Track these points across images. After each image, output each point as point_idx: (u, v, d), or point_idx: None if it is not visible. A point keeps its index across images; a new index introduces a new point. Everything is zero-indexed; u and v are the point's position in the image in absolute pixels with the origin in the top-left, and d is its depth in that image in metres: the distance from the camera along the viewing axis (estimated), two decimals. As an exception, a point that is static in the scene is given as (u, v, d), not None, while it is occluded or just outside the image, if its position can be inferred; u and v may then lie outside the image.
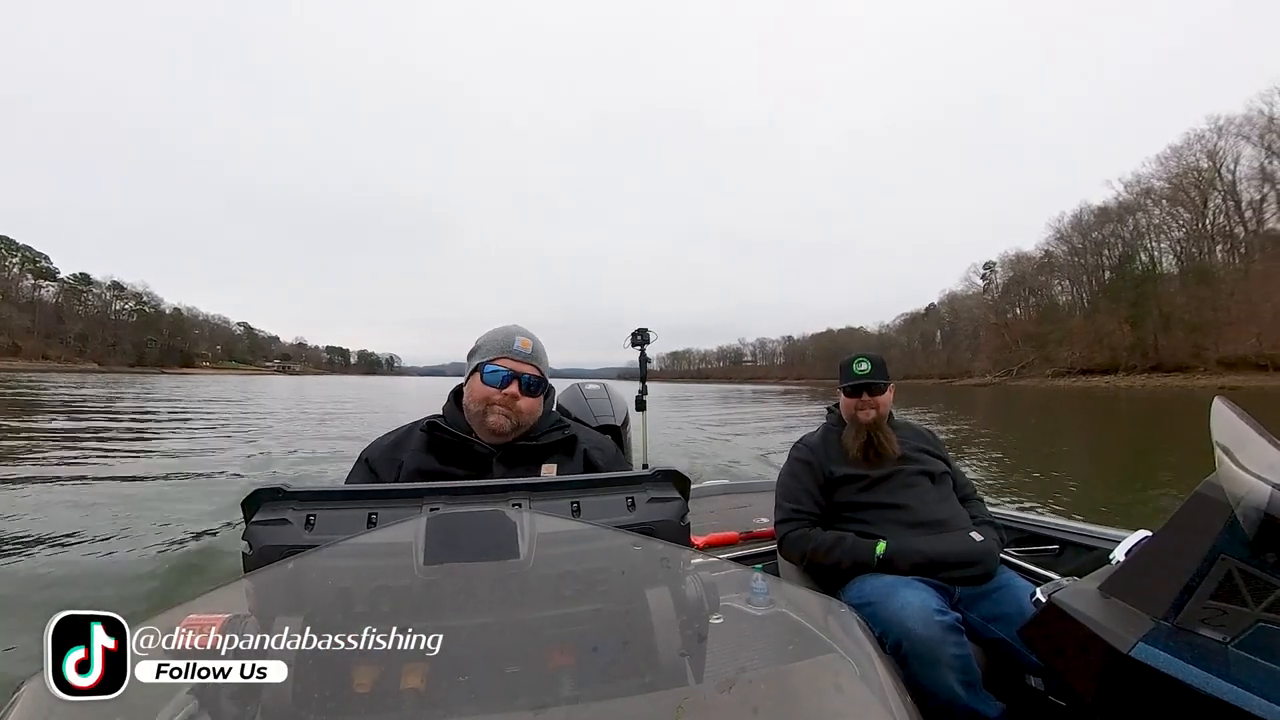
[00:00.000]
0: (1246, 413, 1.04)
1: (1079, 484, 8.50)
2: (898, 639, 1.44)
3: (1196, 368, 61.62)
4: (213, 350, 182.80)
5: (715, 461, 10.21)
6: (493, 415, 1.27)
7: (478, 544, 0.70)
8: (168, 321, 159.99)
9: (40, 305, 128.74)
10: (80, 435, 12.54)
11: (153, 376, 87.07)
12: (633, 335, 4.08)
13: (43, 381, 45.02)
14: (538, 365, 1.33)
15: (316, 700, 0.61)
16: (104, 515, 5.96)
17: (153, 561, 4.67)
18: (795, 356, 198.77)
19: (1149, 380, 63.09)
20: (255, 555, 0.75)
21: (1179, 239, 71.85)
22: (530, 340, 1.34)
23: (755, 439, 13.96)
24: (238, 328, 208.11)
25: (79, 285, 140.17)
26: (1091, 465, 10.99)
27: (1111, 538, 1.95)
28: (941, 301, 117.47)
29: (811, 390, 60.05)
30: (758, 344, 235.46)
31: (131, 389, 35.98)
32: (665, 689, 0.68)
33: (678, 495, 0.91)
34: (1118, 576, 1.04)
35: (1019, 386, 72.60)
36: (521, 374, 1.29)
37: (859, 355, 1.99)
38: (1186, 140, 69.90)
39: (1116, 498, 7.92)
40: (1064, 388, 65.64)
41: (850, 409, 1.96)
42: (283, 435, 13.37)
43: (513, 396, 1.27)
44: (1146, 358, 68.42)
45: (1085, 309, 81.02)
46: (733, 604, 1.46)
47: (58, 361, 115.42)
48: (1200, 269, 67.48)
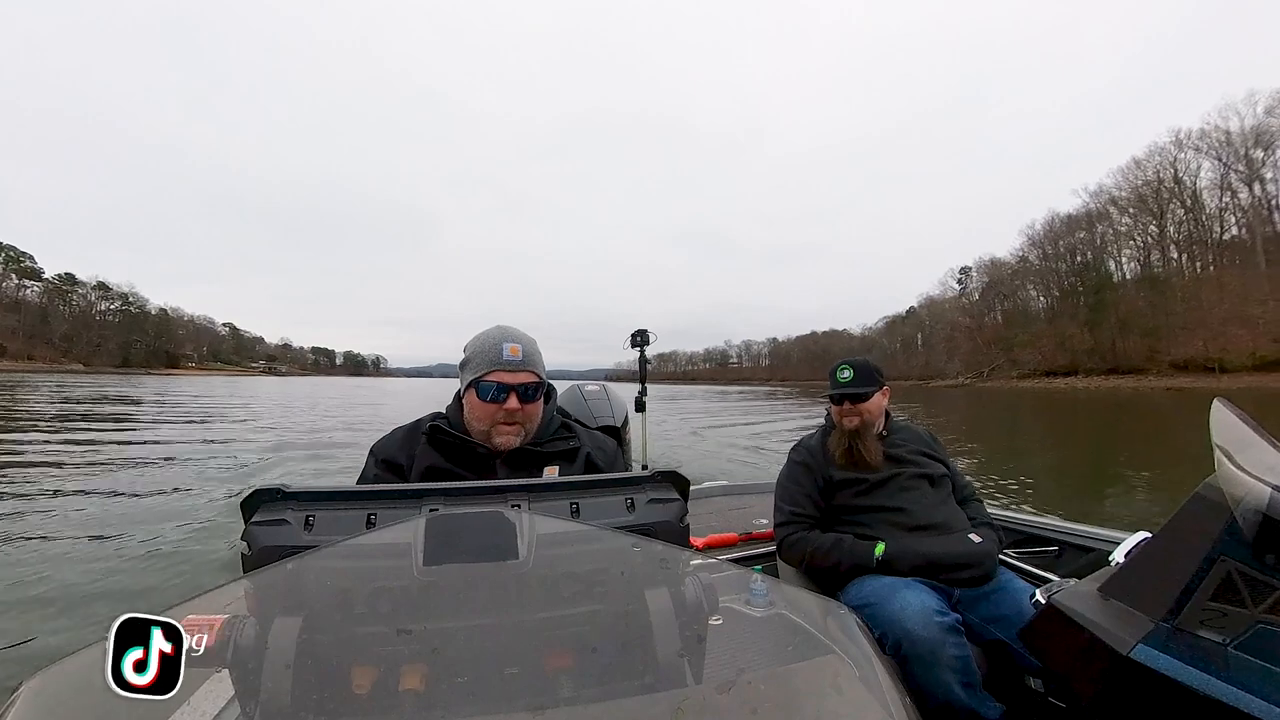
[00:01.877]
0: (1245, 414, 1.04)
1: (1031, 478, 8.76)
2: (897, 640, 1.44)
3: (1150, 370, 65.55)
4: (198, 351, 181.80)
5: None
6: (499, 436, 1.23)
7: (477, 545, 0.70)
8: (153, 322, 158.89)
9: (25, 305, 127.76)
10: (77, 437, 12.54)
11: (139, 377, 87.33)
12: (632, 336, 4.08)
13: (33, 383, 44.95)
14: (532, 369, 1.25)
15: (315, 701, 0.61)
16: (103, 515, 5.96)
17: (151, 562, 4.67)
18: (780, 358, 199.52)
19: (1105, 382, 67.21)
20: (254, 556, 0.75)
21: (1141, 246, 76.15)
22: (520, 344, 1.25)
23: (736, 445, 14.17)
24: (223, 328, 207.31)
25: (64, 285, 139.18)
26: (1038, 460, 11.53)
27: (1111, 539, 1.95)
28: (921, 305, 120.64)
29: (799, 390, 62.41)
30: (743, 346, 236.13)
31: (120, 389, 35.95)
32: (664, 690, 0.67)
33: (677, 496, 0.91)
34: (1117, 578, 1.05)
35: (988, 388, 76.46)
36: (516, 385, 1.22)
37: (843, 362, 1.97)
38: (1148, 152, 74.46)
39: (1059, 491, 8.28)
40: (1027, 389, 69.03)
41: (836, 415, 1.96)
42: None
43: (513, 410, 1.22)
44: (1104, 360, 72.32)
45: (1048, 314, 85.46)
46: (732, 605, 1.46)
47: (43, 362, 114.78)
48: (1151, 277, 72.29)
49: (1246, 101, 64.81)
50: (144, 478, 7.99)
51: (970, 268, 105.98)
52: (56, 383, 46.43)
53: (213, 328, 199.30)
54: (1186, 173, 70.80)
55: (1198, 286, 65.30)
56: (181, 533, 5.44)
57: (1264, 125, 63.20)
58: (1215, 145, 67.56)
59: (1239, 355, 57.47)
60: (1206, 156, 68.67)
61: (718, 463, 10.50)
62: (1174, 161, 71.58)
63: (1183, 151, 70.88)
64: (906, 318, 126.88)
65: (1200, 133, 68.63)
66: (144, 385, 46.71)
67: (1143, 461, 10.50)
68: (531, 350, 1.27)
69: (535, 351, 1.28)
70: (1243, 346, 57.61)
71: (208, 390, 41.32)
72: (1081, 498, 7.94)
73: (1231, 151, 66.30)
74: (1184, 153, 70.79)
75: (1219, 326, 59.09)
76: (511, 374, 1.22)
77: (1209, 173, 68.93)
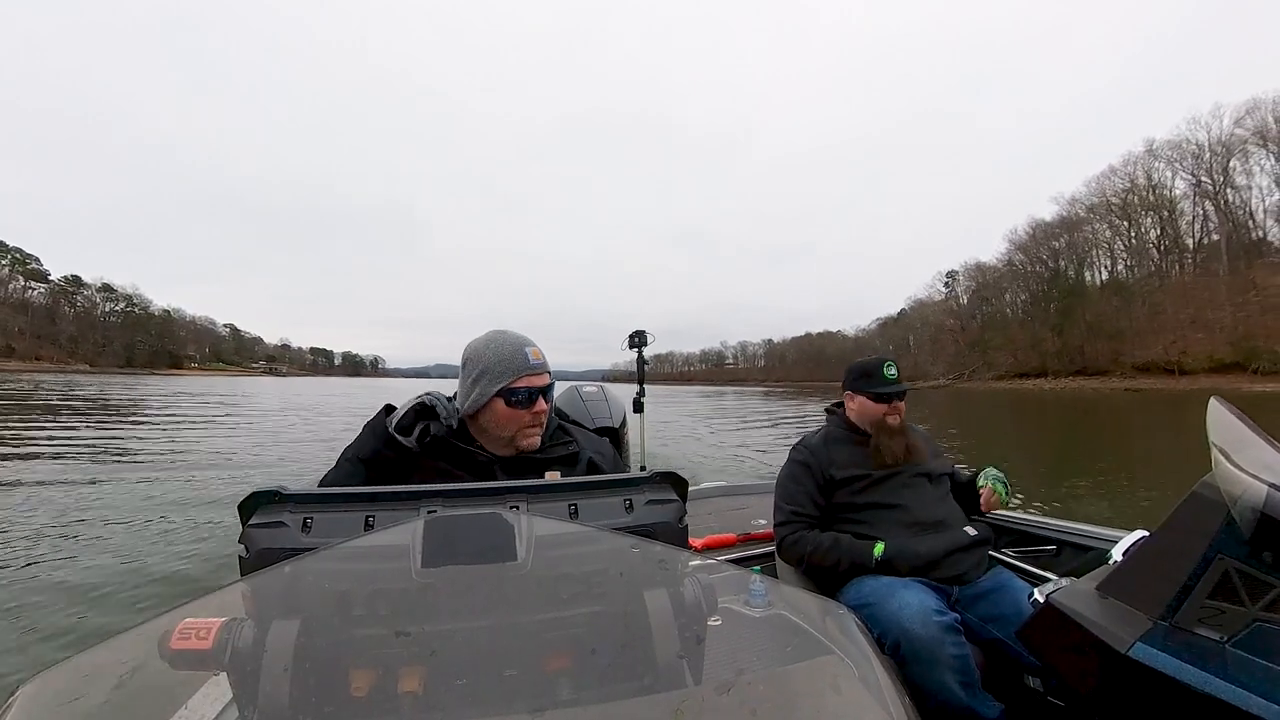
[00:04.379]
0: (1242, 412, 1.04)
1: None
2: (896, 640, 1.44)
3: (1114, 372, 69.36)
4: (200, 352, 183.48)
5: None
6: (525, 439, 1.25)
7: (475, 546, 0.69)
8: (156, 323, 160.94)
9: (32, 307, 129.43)
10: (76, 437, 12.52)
11: (144, 377, 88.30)
12: (630, 337, 4.08)
13: (44, 383, 45.12)
14: (549, 371, 1.29)
15: (314, 704, 0.61)
16: (100, 516, 5.94)
17: (150, 562, 4.66)
18: (775, 359, 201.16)
19: (1071, 383, 71.21)
20: (252, 558, 0.75)
21: (1110, 253, 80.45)
22: (536, 347, 1.29)
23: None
24: (224, 329, 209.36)
25: (69, 287, 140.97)
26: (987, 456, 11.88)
27: (1109, 538, 1.96)
28: (911, 307, 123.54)
29: (794, 390, 64.21)
30: (739, 347, 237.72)
31: (133, 391, 36.06)
32: (664, 691, 0.67)
33: (675, 497, 0.90)
34: (1115, 577, 1.05)
35: (966, 389, 79.19)
36: (543, 388, 1.26)
37: (888, 360, 1.93)
38: (1124, 161, 78.72)
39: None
40: (1000, 390, 72.23)
41: (878, 414, 1.91)
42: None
43: (540, 413, 1.25)
44: (1072, 362, 76.16)
45: (1022, 318, 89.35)
46: (731, 606, 1.46)
47: (50, 362, 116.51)
48: (1116, 283, 76.46)
49: (1214, 114, 68.99)
50: (140, 479, 7.96)
51: (957, 271, 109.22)
52: (71, 382, 46.73)
53: (214, 329, 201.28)
54: (1158, 182, 74.88)
55: (1161, 293, 69.25)
56: (178, 534, 5.43)
57: (1231, 137, 66.64)
58: (1183, 156, 71.43)
59: (1198, 358, 61.20)
60: (1173, 166, 72.82)
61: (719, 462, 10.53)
62: (1148, 171, 75.65)
63: (1156, 161, 74.92)
64: (898, 320, 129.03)
65: (1169, 144, 72.89)
66: (151, 385, 46.87)
67: (1088, 458, 11.17)
68: (541, 350, 1.31)
69: (544, 355, 1.32)
70: (1202, 350, 61.37)
71: (208, 389, 41.41)
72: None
73: (1199, 163, 69.95)
74: (1157, 162, 74.87)
75: (1180, 331, 62.77)
76: (537, 377, 1.25)
77: (1179, 182, 72.80)
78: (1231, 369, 56.79)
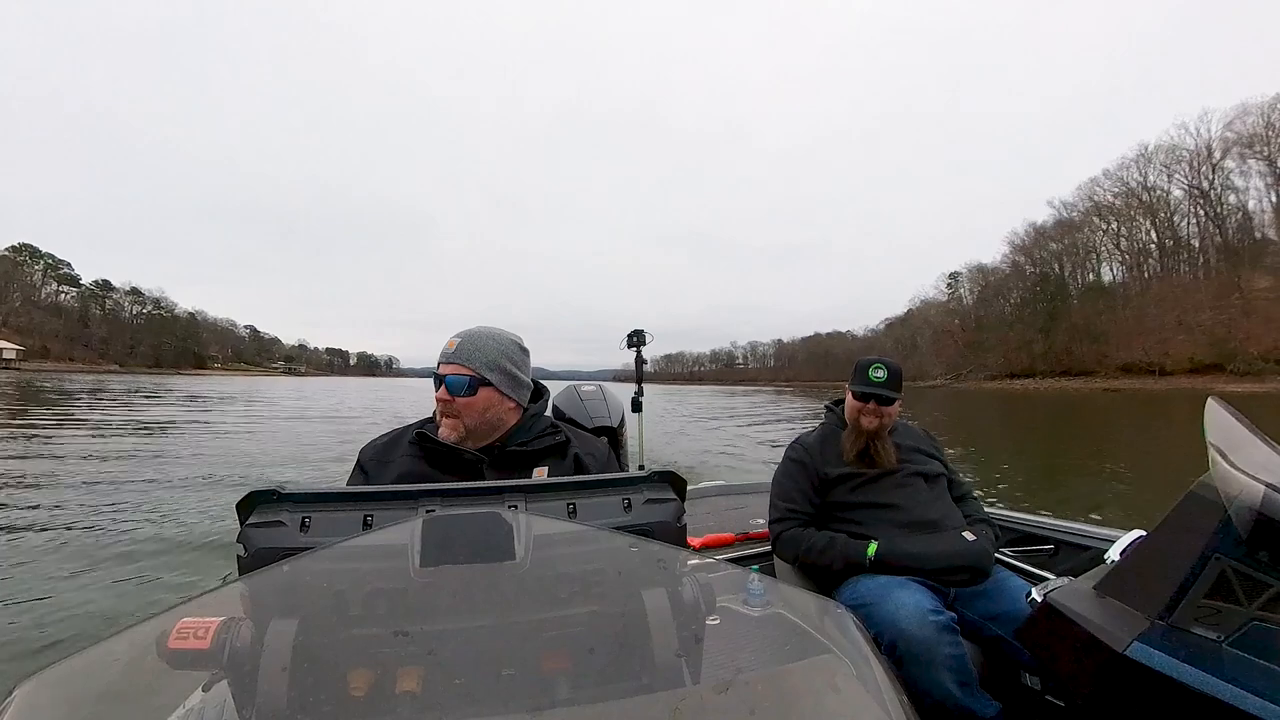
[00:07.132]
0: (1239, 413, 1.05)
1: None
2: (893, 639, 1.44)
3: (1098, 372, 71.54)
4: (223, 353, 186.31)
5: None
6: (441, 428, 1.25)
7: (474, 546, 0.69)
8: (181, 325, 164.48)
9: (65, 310, 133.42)
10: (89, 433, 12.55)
11: (173, 377, 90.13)
12: (628, 337, 4.08)
13: (79, 381, 45.77)
14: (465, 363, 1.23)
15: (312, 704, 0.61)
16: (100, 515, 5.93)
17: (148, 563, 4.65)
18: (785, 359, 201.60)
19: (1056, 383, 73.47)
20: (250, 558, 0.74)
21: (1114, 255, 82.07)
22: (464, 340, 1.26)
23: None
24: (244, 330, 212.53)
25: (100, 291, 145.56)
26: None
27: (1106, 537, 1.96)
28: (917, 308, 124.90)
29: (800, 390, 65.34)
30: (749, 347, 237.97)
31: (173, 392, 36.33)
32: (662, 690, 0.67)
33: (674, 496, 0.90)
34: (1112, 576, 1.05)
35: (961, 389, 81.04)
36: (446, 376, 1.23)
37: (878, 361, 1.92)
38: (1119, 165, 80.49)
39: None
40: (990, 390, 74.24)
41: (854, 412, 1.91)
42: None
43: (445, 401, 1.23)
44: (1059, 363, 78.44)
45: (1013, 320, 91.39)
46: (729, 605, 1.46)
47: (83, 363, 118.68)
48: (1100, 286, 78.97)
49: (1201, 119, 70.59)
50: (140, 479, 7.96)
51: (960, 273, 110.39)
52: (122, 382, 47.42)
53: (235, 330, 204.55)
54: (1149, 186, 76.50)
55: (1142, 296, 71.67)
56: (177, 534, 5.42)
57: (1224, 140, 68.16)
58: (1173, 160, 73.23)
59: (1179, 359, 63.41)
60: (1164, 171, 74.45)
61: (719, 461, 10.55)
62: (1143, 174, 77.26)
63: (1150, 164, 76.53)
64: (904, 320, 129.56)
65: (1158, 148, 74.83)
66: (184, 384, 47.56)
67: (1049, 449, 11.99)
68: (473, 347, 1.25)
69: (480, 349, 1.25)
70: (1183, 351, 63.58)
71: (251, 388, 42.02)
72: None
73: (1192, 169, 71.47)
74: (1150, 166, 76.50)
75: (1164, 333, 64.90)
76: (446, 365, 1.25)
77: (1171, 186, 74.45)
78: (1210, 370, 58.47)
